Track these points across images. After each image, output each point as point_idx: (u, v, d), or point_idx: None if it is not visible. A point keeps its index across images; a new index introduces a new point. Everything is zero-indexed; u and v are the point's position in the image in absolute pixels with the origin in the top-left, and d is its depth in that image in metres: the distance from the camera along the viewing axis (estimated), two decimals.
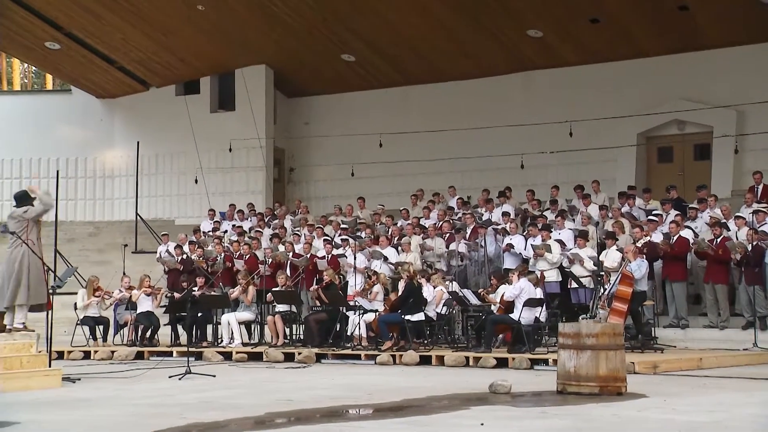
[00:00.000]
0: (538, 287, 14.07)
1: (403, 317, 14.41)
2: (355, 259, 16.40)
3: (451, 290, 15.09)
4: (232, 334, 16.04)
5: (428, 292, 14.72)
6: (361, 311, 15.07)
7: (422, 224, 18.30)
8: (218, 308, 16.55)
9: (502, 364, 13.15)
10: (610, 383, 9.50)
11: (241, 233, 19.73)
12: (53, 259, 12.98)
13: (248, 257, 17.79)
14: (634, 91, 21.01)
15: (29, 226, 11.62)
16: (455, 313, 15.55)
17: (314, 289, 16.03)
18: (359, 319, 15.05)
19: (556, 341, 13.65)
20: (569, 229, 16.56)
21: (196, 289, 16.60)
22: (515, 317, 13.62)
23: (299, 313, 16.36)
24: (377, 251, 16.79)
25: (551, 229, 16.27)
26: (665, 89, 20.71)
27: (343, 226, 18.98)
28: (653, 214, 16.51)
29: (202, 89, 25.14)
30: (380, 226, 19.02)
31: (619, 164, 21.23)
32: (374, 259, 16.77)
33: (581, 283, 15.03)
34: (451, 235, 17.43)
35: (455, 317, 15.63)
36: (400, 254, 16.86)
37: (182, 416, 8.40)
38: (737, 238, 15.01)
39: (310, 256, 17.26)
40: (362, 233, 18.27)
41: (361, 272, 16.37)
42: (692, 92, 20.54)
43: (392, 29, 21.61)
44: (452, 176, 21.84)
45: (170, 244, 19.53)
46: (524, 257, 16.06)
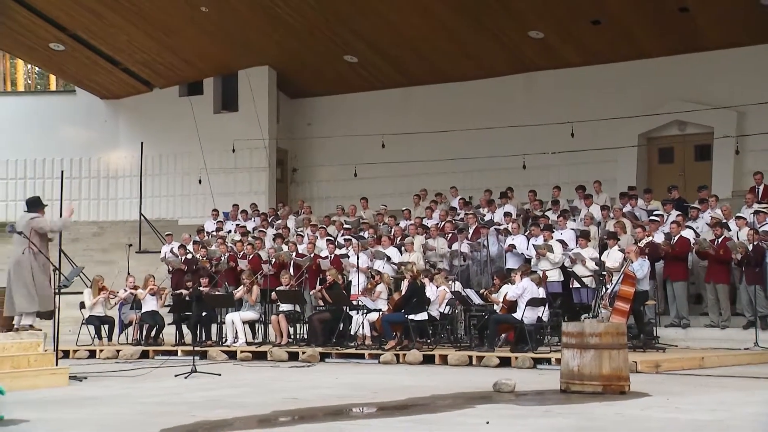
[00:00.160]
0: (540, 287, 14.13)
1: (406, 317, 14.45)
2: (358, 259, 16.50)
3: (454, 290, 15.14)
4: (236, 333, 16.11)
5: (431, 291, 14.77)
6: (364, 311, 15.12)
7: (425, 224, 18.39)
8: (223, 307, 16.63)
9: (505, 363, 13.19)
10: (613, 382, 9.50)
11: (244, 233, 19.81)
12: (58, 259, 13.01)
13: (252, 257, 17.86)
14: (635, 92, 21.06)
15: (33, 233, 11.72)
16: (458, 312, 15.58)
17: (317, 290, 16.09)
18: (363, 318, 15.12)
19: (558, 340, 13.76)
20: (571, 229, 16.63)
21: (201, 288, 16.70)
22: (518, 317, 13.67)
23: (303, 312, 16.41)
24: (379, 251, 16.86)
25: (553, 229, 16.33)
26: (666, 90, 20.75)
27: (346, 226, 19.05)
28: (654, 214, 16.57)
29: (205, 90, 25.18)
30: (383, 226, 19.10)
31: (619, 165, 21.25)
32: (377, 259, 16.83)
33: (583, 282, 15.05)
34: (453, 235, 17.50)
35: (458, 317, 15.65)
36: (402, 254, 16.95)
37: (191, 414, 8.42)
38: (738, 238, 15.05)
39: (313, 256, 17.35)
40: (365, 233, 18.35)
41: (363, 272, 16.45)
42: (693, 93, 20.58)
43: (394, 30, 21.62)
44: (454, 176, 21.86)
45: (174, 244, 19.59)
46: (526, 257, 16.12)
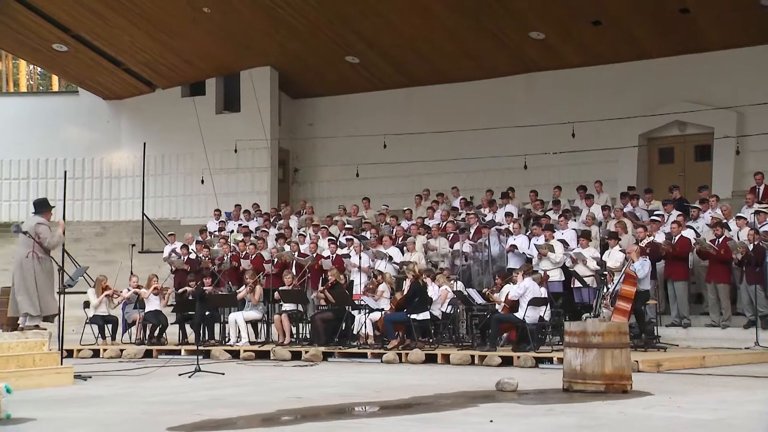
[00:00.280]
0: (542, 286, 14.17)
1: (408, 316, 14.50)
2: (360, 258, 16.54)
3: (456, 289, 15.19)
4: (239, 332, 16.19)
5: (433, 291, 14.82)
6: (367, 310, 15.18)
7: (426, 224, 18.44)
8: (226, 307, 16.68)
9: (506, 362, 13.22)
10: (615, 381, 9.53)
11: (247, 233, 19.86)
12: (61, 258, 13.04)
13: (254, 257, 17.92)
14: (635, 92, 21.13)
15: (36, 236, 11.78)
16: (460, 312, 15.61)
17: (320, 290, 16.13)
18: (365, 318, 15.17)
19: (559, 340, 13.83)
20: (572, 229, 16.67)
21: (204, 288, 16.78)
22: (520, 316, 13.72)
23: (306, 312, 16.46)
24: (380, 251, 16.92)
25: (554, 229, 16.39)
26: (666, 91, 20.82)
27: (348, 226, 19.10)
28: (655, 214, 16.62)
29: (207, 91, 25.26)
30: (385, 226, 19.15)
31: (620, 165, 21.32)
32: (378, 259, 16.89)
33: (585, 282, 15.08)
34: (454, 235, 17.56)
35: (460, 316, 15.68)
36: (404, 254, 17.01)
37: (196, 413, 8.45)
38: (738, 238, 15.08)
39: (315, 255, 17.41)
40: (367, 233, 18.40)
41: (365, 272, 16.51)
42: (693, 94, 20.65)
43: (396, 31, 21.69)
44: (456, 177, 21.95)
45: (177, 243, 19.65)
46: (527, 256, 16.17)
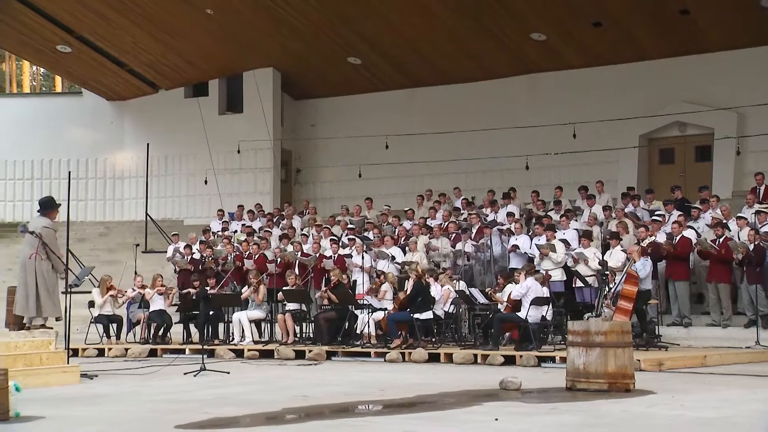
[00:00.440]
0: (544, 286, 14.25)
1: (411, 316, 14.57)
2: (362, 258, 16.62)
3: (458, 289, 15.27)
4: (243, 332, 16.27)
5: (436, 290, 14.87)
6: (370, 310, 15.26)
7: (428, 224, 18.50)
8: (230, 306, 16.76)
9: (509, 361, 13.29)
10: (618, 380, 9.59)
11: (250, 233, 19.93)
12: (66, 258, 13.12)
13: (257, 257, 17.99)
14: (636, 93, 21.17)
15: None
16: (462, 311, 15.68)
17: (323, 291, 16.20)
18: (368, 317, 15.26)
19: (561, 339, 13.92)
20: (574, 229, 16.73)
21: (208, 288, 16.86)
22: (522, 315, 13.79)
23: (309, 311, 16.53)
24: (382, 251, 16.99)
25: (556, 229, 16.47)
26: (667, 92, 20.86)
27: (350, 226, 19.16)
28: (656, 214, 16.69)
29: (210, 92, 25.31)
30: (387, 226, 19.23)
31: (621, 165, 21.34)
32: (380, 259, 16.97)
33: (586, 282, 15.13)
34: (456, 235, 17.63)
35: (462, 316, 15.74)
36: (406, 254, 17.09)
37: (203, 411, 8.50)
38: (739, 238, 15.13)
39: (318, 255, 17.50)
40: (370, 233, 18.49)
41: (367, 272, 16.59)
42: (693, 94, 20.69)
43: (397, 32, 21.73)
44: (457, 177, 22.01)
45: (180, 243, 19.68)
46: (529, 256, 16.25)
